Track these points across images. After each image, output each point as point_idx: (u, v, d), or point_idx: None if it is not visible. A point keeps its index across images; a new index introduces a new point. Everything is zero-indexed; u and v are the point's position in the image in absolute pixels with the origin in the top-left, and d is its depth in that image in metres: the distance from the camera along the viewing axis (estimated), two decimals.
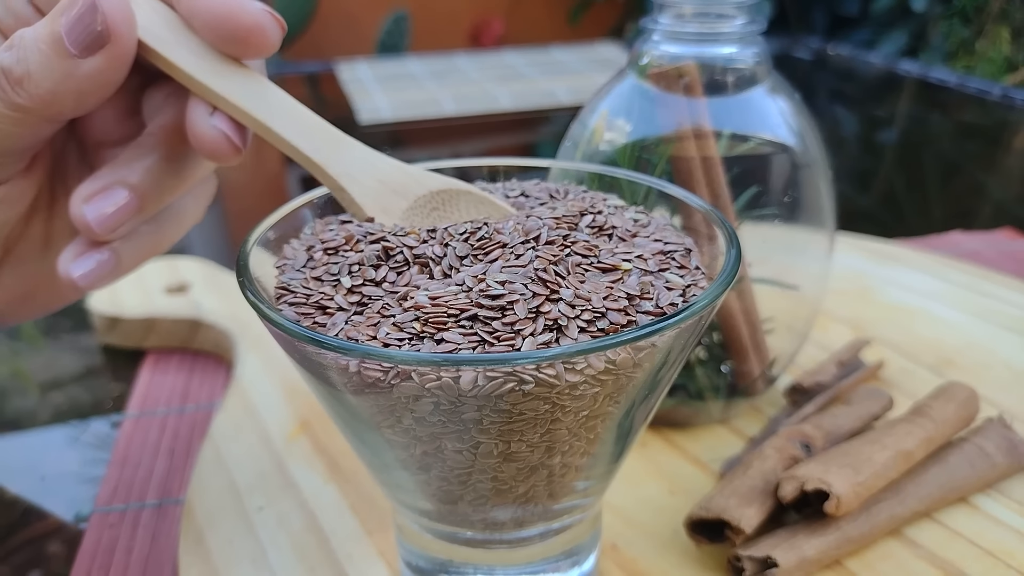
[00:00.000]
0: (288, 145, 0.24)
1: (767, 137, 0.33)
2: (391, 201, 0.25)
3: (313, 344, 0.18)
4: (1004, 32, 1.51)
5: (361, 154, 0.25)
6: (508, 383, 0.18)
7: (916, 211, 0.73)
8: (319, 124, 0.25)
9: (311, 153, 0.24)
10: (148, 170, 0.26)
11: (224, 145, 0.24)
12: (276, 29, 0.24)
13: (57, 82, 0.23)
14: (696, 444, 0.36)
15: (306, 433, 0.38)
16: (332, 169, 0.24)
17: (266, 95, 0.24)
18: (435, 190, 0.25)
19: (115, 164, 0.26)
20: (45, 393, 0.46)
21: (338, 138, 0.25)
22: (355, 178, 0.24)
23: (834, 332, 0.45)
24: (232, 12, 0.24)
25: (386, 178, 0.25)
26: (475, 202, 0.26)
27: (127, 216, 0.25)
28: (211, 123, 0.24)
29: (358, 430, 0.22)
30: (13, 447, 0.42)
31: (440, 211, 0.25)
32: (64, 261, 0.25)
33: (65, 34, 0.23)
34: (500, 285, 0.19)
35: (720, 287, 0.20)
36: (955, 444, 0.33)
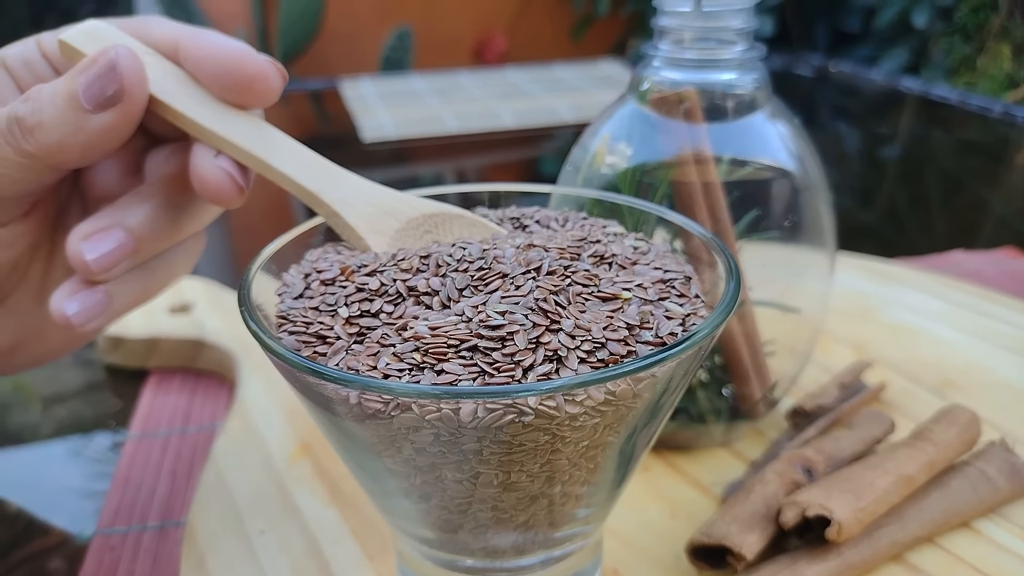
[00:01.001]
0: (285, 179, 0.25)
1: (767, 162, 0.33)
2: (383, 223, 0.25)
3: (314, 375, 0.18)
4: (1005, 49, 1.52)
5: (355, 183, 0.26)
6: (508, 415, 0.18)
7: (918, 227, 0.73)
8: (315, 159, 0.26)
9: (306, 183, 0.25)
10: (146, 215, 0.26)
11: (228, 185, 0.25)
12: (278, 78, 0.26)
13: (67, 134, 0.24)
14: (698, 467, 0.36)
15: (307, 455, 0.38)
16: (326, 196, 0.25)
17: (266, 135, 0.25)
18: (427, 213, 0.26)
19: (115, 207, 0.26)
20: (48, 410, 0.46)
21: (333, 170, 0.26)
22: (348, 203, 0.25)
23: (836, 353, 0.45)
24: (237, 62, 0.25)
25: (378, 203, 0.26)
26: (467, 225, 0.27)
27: (123, 257, 0.26)
28: (216, 164, 0.25)
29: (358, 458, 0.22)
30: (15, 462, 0.42)
31: (433, 234, 0.26)
32: (57, 299, 0.26)
33: (82, 92, 0.24)
34: (500, 315, 0.20)
35: (720, 317, 0.20)
36: (957, 468, 0.33)
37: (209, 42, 0.26)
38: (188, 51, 0.26)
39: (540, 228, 0.27)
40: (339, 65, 1.78)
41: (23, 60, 0.28)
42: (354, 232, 0.25)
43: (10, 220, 0.27)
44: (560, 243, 0.23)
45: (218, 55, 0.25)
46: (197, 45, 0.26)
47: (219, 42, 0.26)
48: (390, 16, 1.84)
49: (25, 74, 0.28)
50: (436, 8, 1.93)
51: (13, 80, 0.28)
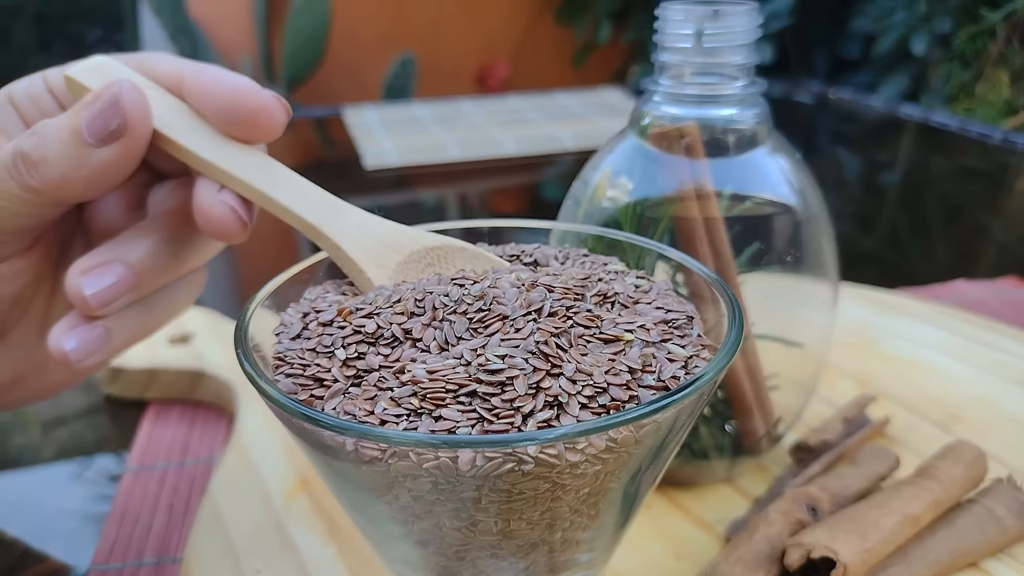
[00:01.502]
0: (287, 212, 0.25)
1: (769, 197, 0.33)
2: (385, 256, 0.25)
3: (309, 421, 0.18)
4: (1003, 76, 1.52)
5: (357, 217, 0.26)
6: (507, 463, 0.17)
7: (919, 254, 0.73)
8: (317, 192, 0.26)
9: (308, 216, 0.25)
10: (147, 250, 0.26)
11: (231, 220, 0.25)
12: (282, 113, 0.26)
13: (70, 168, 0.24)
14: (701, 504, 0.36)
15: (305, 491, 0.37)
16: (327, 229, 0.25)
17: (268, 168, 0.25)
18: (430, 246, 0.26)
19: (115, 242, 0.26)
20: (46, 438, 0.46)
21: (335, 203, 0.26)
22: (349, 236, 0.25)
23: (839, 386, 0.45)
24: (241, 96, 0.25)
25: (380, 236, 0.26)
26: (470, 258, 0.26)
27: (122, 292, 0.26)
28: (219, 198, 0.25)
29: (355, 502, 0.22)
30: (14, 489, 0.42)
31: (435, 266, 0.26)
32: (55, 334, 0.26)
33: (85, 127, 0.24)
34: (500, 359, 0.19)
35: (723, 361, 0.20)
36: (963, 507, 0.33)
37: (214, 77, 0.26)
38: (192, 86, 0.26)
39: (541, 263, 0.26)
40: (343, 92, 1.79)
41: (29, 96, 0.28)
42: (355, 265, 0.25)
43: (12, 254, 0.27)
44: (564, 282, 0.23)
45: (222, 89, 0.25)
46: (201, 80, 0.26)
47: (223, 77, 0.26)
48: (393, 44, 1.86)
49: (31, 109, 0.28)
50: (439, 36, 1.95)
51: (19, 115, 0.28)
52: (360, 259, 0.25)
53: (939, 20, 1.55)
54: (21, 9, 1.88)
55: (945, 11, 1.54)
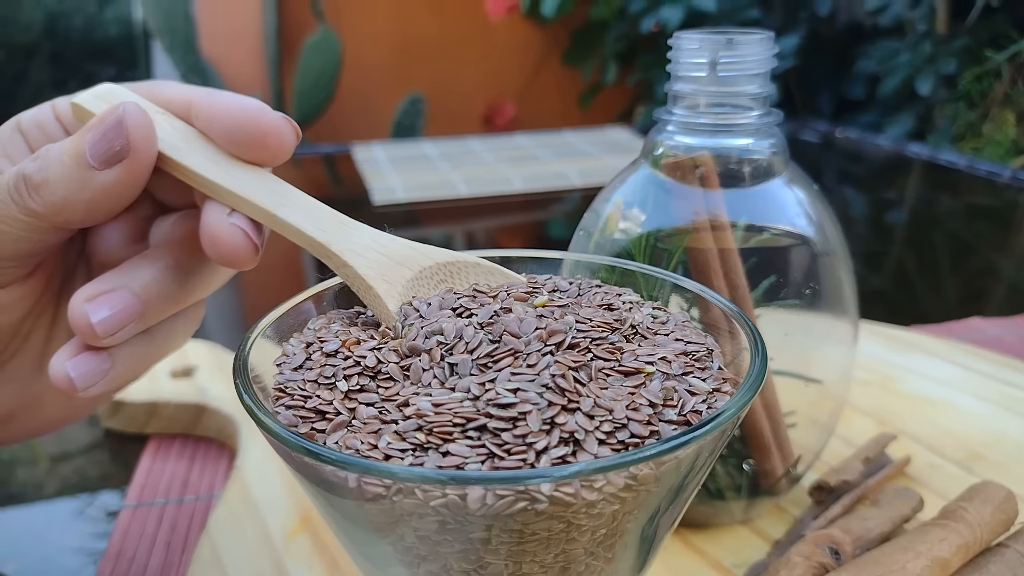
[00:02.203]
0: (295, 231, 0.25)
1: (785, 228, 0.32)
2: (395, 272, 0.24)
3: (310, 456, 0.17)
4: (1009, 116, 1.53)
5: (367, 234, 0.25)
6: (519, 502, 0.16)
7: (929, 292, 0.72)
8: (326, 211, 0.25)
9: (316, 235, 0.24)
10: (153, 278, 0.26)
11: (242, 244, 0.24)
12: (292, 135, 0.25)
13: (72, 191, 0.24)
14: (717, 547, 0.34)
15: (307, 530, 0.36)
16: (335, 247, 0.24)
17: (275, 188, 0.25)
18: (442, 262, 0.25)
19: (120, 269, 0.26)
20: (43, 474, 0.45)
21: (344, 221, 0.25)
22: (358, 253, 0.25)
23: (857, 425, 0.44)
24: (250, 117, 0.25)
25: (390, 253, 0.25)
26: (484, 273, 0.26)
27: (129, 320, 0.25)
28: (229, 222, 0.24)
29: (357, 542, 0.20)
30: (11, 526, 0.41)
31: (448, 283, 0.25)
32: (58, 361, 0.25)
33: (88, 149, 0.24)
34: (511, 393, 0.18)
35: (746, 395, 0.19)
36: (994, 551, 0.31)
37: (222, 99, 0.25)
38: (200, 108, 0.26)
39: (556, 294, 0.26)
40: (352, 130, 1.80)
41: (37, 123, 0.28)
42: (364, 282, 0.24)
43: (12, 281, 0.27)
44: (587, 315, 0.22)
45: (231, 111, 0.25)
46: (210, 102, 0.25)
47: (232, 99, 0.25)
48: (403, 83, 1.87)
49: (38, 137, 0.27)
50: (447, 76, 1.97)
51: (26, 143, 0.27)
52: (368, 275, 0.24)
53: (944, 61, 1.56)
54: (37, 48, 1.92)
55: (950, 52, 1.55)
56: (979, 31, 1.53)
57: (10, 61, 1.83)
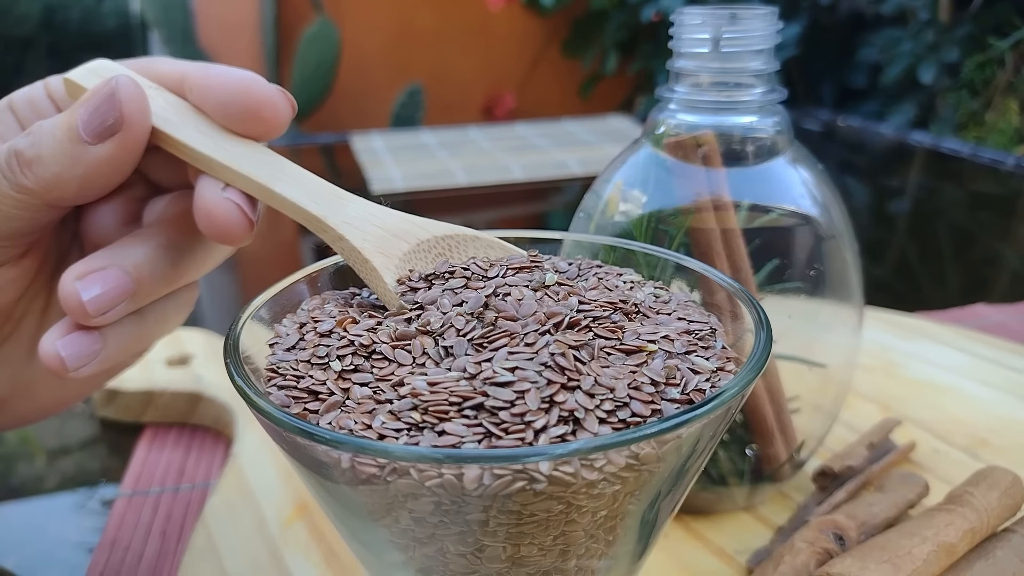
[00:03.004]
0: (290, 204, 0.24)
1: (789, 208, 0.32)
2: (392, 244, 0.24)
3: (303, 435, 0.17)
4: (1012, 104, 1.52)
5: (362, 206, 0.25)
6: (517, 482, 0.16)
7: (932, 280, 0.71)
8: (321, 184, 0.25)
9: (310, 207, 0.24)
10: (146, 256, 0.25)
11: (237, 218, 0.24)
12: (287, 106, 0.25)
13: (64, 166, 0.23)
14: (720, 533, 0.34)
15: (303, 518, 0.36)
16: (331, 220, 0.24)
17: (270, 162, 0.24)
18: (440, 235, 0.25)
19: (113, 248, 0.25)
20: (39, 465, 0.44)
21: (339, 194, 0.25)
22: (354, 226, 0.24)
23: (861, 411, 0.43)
24: (244, 88, 0.24)
25: (387, 226, 0.24)
26: (484, 247, 0.25)
27: (120, 298, 0.24)
28: (223, 196, 0.24)
29: (352, 527, 0.20)
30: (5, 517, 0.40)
31: (446, 257, 0.25)
32: (48, 340, 0.24)
33: (81, 124, 0.23)
34: (509, 372, 0.18)
35: (751, 373, 0.19)
36: (1001, 536, 0.31)
37: (216, 72, 0.25)
38: (194, 81, 0.25)
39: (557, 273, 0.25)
40: (351, 122, 1.79)
41: (28, 102, 0.27)
42: (359, 255, 0.24)
43: (5, 261, 0.26)
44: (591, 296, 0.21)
45: (225, 83, 0.24)
46: (203, 75, 0.25)
47: (226, 71, 0.25)
48: (402, 74, 1.86)
49: (30, 115, 0.27)
50: (447, 66, 1.96)
51: (18, 121, 0.27)
52: (364, 248, 0.23)
53: (947, 49, 1.55)
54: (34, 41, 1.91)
55: (952, 40, 1.54)
56: (982, 19, 1.52)
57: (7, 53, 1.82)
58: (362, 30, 1.87)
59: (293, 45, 1.75)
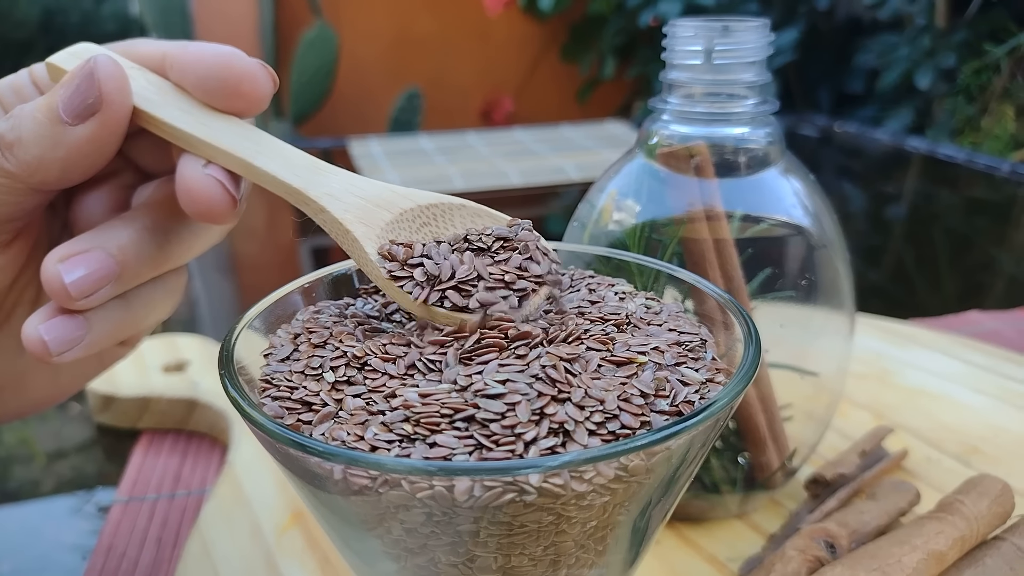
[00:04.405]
0: (271, 178, 0.24)
1: (781, 218, 0.32)
2: (373, 214, 0.24)
3: (295, 447, 0.17)
4: (1008, 110, 1.52)
5: (343, 178, 0.24)
6: (508, 493, 0.16)
7: (927, 286, 0.72)
8: (302, 157, 0.24)
9: (291, 180, 0.24)
10: (130, 239, 0.25)
11: (219, 196, 0.23)
12: (268, 80, 0.24)
13: (45, 148, 0.23)
14: (712, 541, 0.34)
15: (299, 525, 0.36)
16: (312, 192, 0.24)
17: (252, 137, 0.24)
18: (424, 204, 0.24)
19: (97, 230, 0.25)
20: (34, 470, 0.44)
21: (320, 167, 0.24)
22: (335, 197, 0.24)
23: (854, 418, 0.43)
24: (224, 63, 0.24)
25: (369, 196, 0.24)
26: (470, 215, 0.25)
27: (103, 282, 0.24)
28: (204, 173, 0.23)
29: (345, 536, 0.20)
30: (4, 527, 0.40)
31: (431, 226, 0.24)
32: (31, 324, 0.24)
33: (61, 104, 0.23)
34: (499, 384, 0.18)
35: (739, 385, 0.19)
36: (991, 544, 0.31)
37: (195, 48, 0.25)
38: (174, 59, 0.25)
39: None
40: (349, 126, 1.80)
41: (13, 88, 0.27)
42: (341, 226, 0.23)
43: None
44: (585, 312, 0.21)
45: (204, 58, 0.24)
46: (183, 52, 0.25)
47: (205, 47, 0.24)
48: (400, 78, 1.87)
49: (14, 101, 0.26)
50: (445, 71, 1.96)
51: (3, 109, 0.27)
52: (345, 219, 0.23)
53: (943, 55, 1.55)
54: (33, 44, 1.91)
55: (949, 46, 1.54)
56: (978, 25, 1.53)
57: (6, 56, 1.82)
58: (361, 35, 1.88)
59: (292, 49, 1.75)
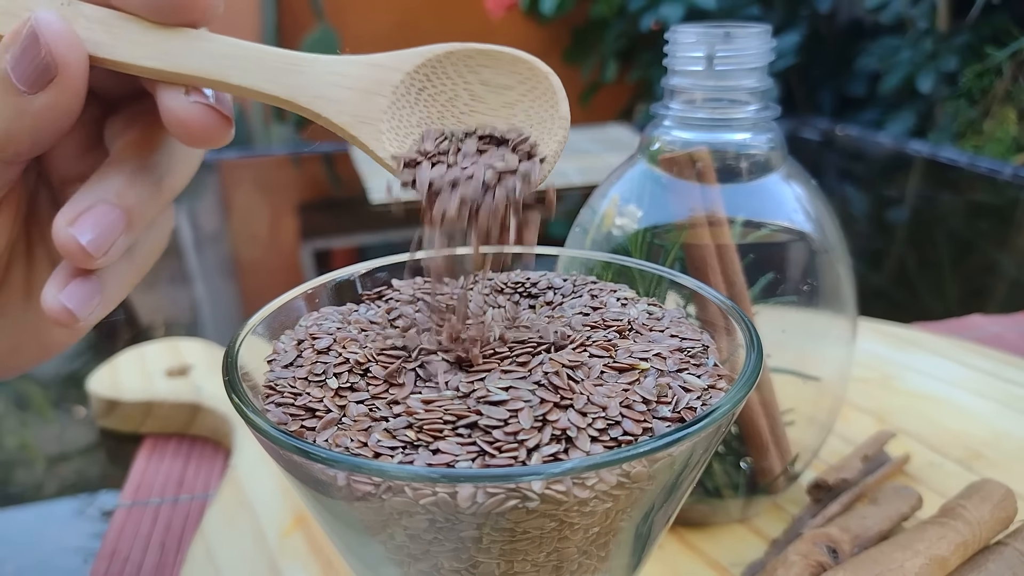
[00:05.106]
0: (253, 92, 0.23)
1: (783, 224, 0.32)
2: (370, 104, 0.23)
3: (299, 454, 0.17)
4: (1010, 113, 1.52)
5: (323, 69, 0.23)
6: (510, 500, 0.16)
7: (930, 290, 0.72)
8: (275, 56, 0.23)
9: (275, 91, 0.23)
10: (127, 184, 0.24)
11: (213, 120, 0.23)
12: None
13: (10, 121, 0.22)
14: (714, 546, 0.34)
15: (301, 529, 0.36)
16: (301, 100, 0.23)
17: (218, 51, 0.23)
18: (411, 69, 0.23)
19: (91, 185, 0.24)
20: (38, 475, 0.45)
21: (297, 61, 0.23)
22: (326, 98, 0.23)
23: (856, 423, 0.43)
24: None
25: (357, 84, 0.23)
26: (463, 60, 0.23)
27: (117, 233, 0.24)
28: (191, 101, 0.23)
29: (348, 542, 0.20)
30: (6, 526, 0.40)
31: (429, 89, 0.23)
32: (51, 294, 0.23)
33: (11, 71, 0.22)
34: (502, 391, 0.18)
35: (741, 392, 0.19)
36: (993, 549, 0.31)
37: None
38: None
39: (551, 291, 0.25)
40: None
41: None
42: (345, 131, 0.23)
43: None
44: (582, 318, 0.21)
45: None
46: None
47: None
48: None
49: None
50: None
51: None
52: (345, 123, 0.22)
53: (945, 59, 1.55)
54: None
55: (951, 49, 1.54)
56: (980, 28, 1.53)
57: None
58: (363, 37, 1.88)
59: None
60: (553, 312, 0.24)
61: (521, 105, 0.23)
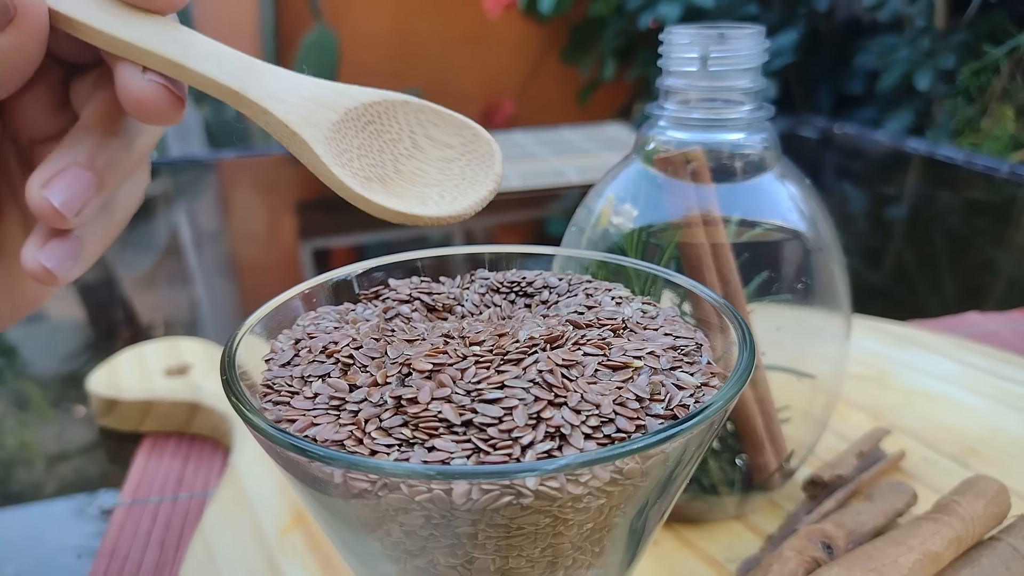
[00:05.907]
0: (207, 80, 0.23)
1: (777, 223, 0.32)
2: (319, 115, 0.23)
3: (296, 451, 0.17)
4: (1008, 111, 1.53)
5: (283, 76, 0.24)
6: (505, 496, 0.16)
7: (927, 287, 0.72)
8: (237, 57, 0.24)
9: (227, 81, 0.23)
10: (98, 145, 0.25)
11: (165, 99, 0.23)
12: None
13: None
14: (710, 542, 0.34)
15: (300, 527, 0.36)
16: (251, 93, 0.23)
17: (179, 37, 0.23)
18: (367, 102, 0.24)
19: (62, 148, 0.24)
20: (38, 474, 0.45)
21: (259, 66, 0.24)
22: (277, 98, 0.23)
23: (852, 420, 0.44)
24: None
25: (312, 96, 0.23)
26: (414, 112, 0.24)
27: (90, 194, 0.24)
28: (146, 79, 0.23)
29: (345, 539, 0.20)
30: (5, 526, 0.41)
31: (376, 124, 0.24)
32: (30, 254, 0.24)
33: None
34: (498, 388, 0.18)
35: (733, 388, 0.19)
36: (986, 544, 0.31)
37: None
38: None
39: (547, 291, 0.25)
40: None
41: None
42: (286, 128, 0.23)
43: None
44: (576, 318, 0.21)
45: None
46: None
47: None
48: (401, 81, 1.87)
49: None
50: (445, 74, 1.97)
51: None
52: (290, 121, 0.23)
53: (942, 56, 1.56)
54: None
55: (948, 47, 1.55)
56: (977, 26, 1.53)
57: None
58: (361, 37, 1.88)
59: (292, 52, 1.76)
60: (548, 311, 0.24)
61: (458, 163, 0.24)
